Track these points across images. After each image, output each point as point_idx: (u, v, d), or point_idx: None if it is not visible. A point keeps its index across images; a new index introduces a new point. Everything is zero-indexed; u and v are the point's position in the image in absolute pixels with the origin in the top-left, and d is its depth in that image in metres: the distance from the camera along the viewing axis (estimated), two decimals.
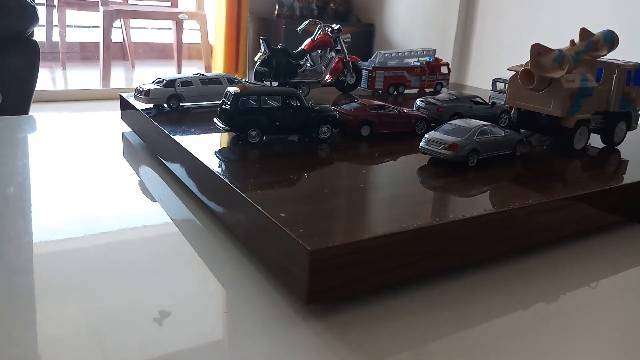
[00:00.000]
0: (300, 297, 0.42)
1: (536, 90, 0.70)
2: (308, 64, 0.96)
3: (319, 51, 0.98)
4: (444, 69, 1.16)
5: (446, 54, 2.89)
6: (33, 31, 1.69)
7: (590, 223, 0.60)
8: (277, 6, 3.55)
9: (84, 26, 3.71)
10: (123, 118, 0.89)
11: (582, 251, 0.57)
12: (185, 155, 0.63)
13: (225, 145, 0.68)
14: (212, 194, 0.57)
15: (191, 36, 3.79)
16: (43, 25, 3.39)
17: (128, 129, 0.87)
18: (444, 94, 0.82)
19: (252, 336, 0.40)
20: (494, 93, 0.97)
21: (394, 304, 0.45)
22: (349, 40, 1.02)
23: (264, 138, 0.67)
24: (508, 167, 0.65)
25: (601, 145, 0.77)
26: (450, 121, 0.66)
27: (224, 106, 0.67)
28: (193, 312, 0.43)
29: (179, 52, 3.62)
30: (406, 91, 1.11)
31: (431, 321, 0.43)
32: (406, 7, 3.33)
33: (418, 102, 0.82)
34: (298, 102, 0.69)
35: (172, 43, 3.65)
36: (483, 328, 0.43)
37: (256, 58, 0.91)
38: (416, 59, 1.16)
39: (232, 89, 0.67)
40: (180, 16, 3.46)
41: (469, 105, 0.80)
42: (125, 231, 0.57)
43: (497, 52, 2.78)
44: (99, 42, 3.24)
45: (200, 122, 0.75)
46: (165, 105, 0.82)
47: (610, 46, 0.76)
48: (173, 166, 0.68)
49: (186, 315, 0.42)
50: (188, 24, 3.63)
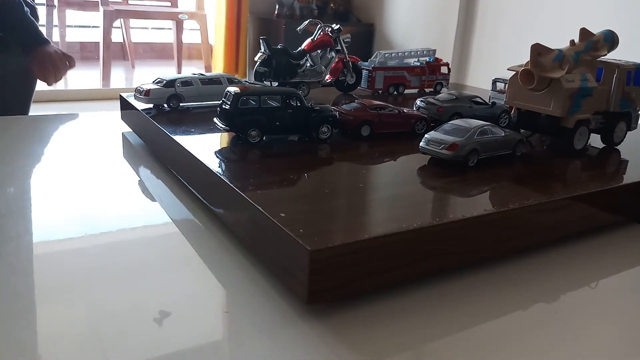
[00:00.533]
0: (300, 297, 0.42)
1: (536, 90, 0.70)
2: (308, 64, 0.96)
3: (319, 51, 0.98)
4: (444, 69, 1.16)
5: (446, 54, 2.89)
6: None
7: (590, 223, 0.60)
8: (277, 6, 3.55)
9: (84, 26, 3.71)
10: (123, 118, 0.89)
11: (582, 251, 0.57)
12: (185, 155, 0.63)
13: (225, 145, 0.68)
14: (212, 194, 0.57)
15: (191, 36, 3.79)
16: (43, 25, 3.38)
17: (128, 129, 0.87)
18: (444, 94, 0.82)
19: (252, 336, 0.40)
20: (494, 93, 0.97)
21: (394, 304, 0.45)
22: (349, 40, 1.02)
23: (264, 138, 0.67)
24: (508, 167, 0.65)
25: (601, 145, 0.77)
26: (450, 121, 0.66)
27: (224, 106, 0.67)
28: (193, 312, 0.43)
29: (179, 52, 3.62)
30: (406, 91, 1.11)
31: (431, 321, 0.43)
32: (406, 7, 3.33)
33: (418, 102, 0.82)
34: (298, 102, 0.69)
35: (172, 43, 3.65)
36: (483, 328, 0.43)
37: (256, 58, 0.91)
38: (416, 59, 1.16)
39: (232, 89, 0.67)
40: (180, 16, 3.46)
41: (469, 105, 0.80)
42: (125, 231, 0.57)
43: (497, 52, 2.78)
44: (99, 42, 3.24)
45: (200, 122, 0.75)
46: (165, 105, 0.82)
47: (610, 46, 0.76)
48: (173, 166, 0.68)
49: (186, 315, 0.42)
50: (188, 24, 3.63)
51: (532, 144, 0.76)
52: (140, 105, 0.82)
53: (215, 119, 0.68)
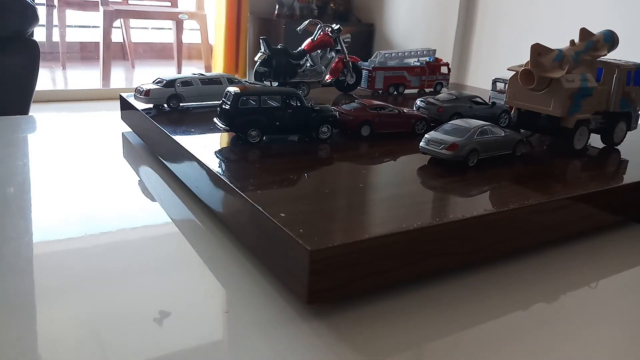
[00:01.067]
0: (300, 297, 0.42)
1: (536, 90, 0.70)
2: (308, 64, 0.96)
3: (319, 51, 0.98)
4: (444, 69, 1.16)
5: (446, 54, 2.89)
6: (33, 31, 1.69)
7: (590, 223, 0.60)
8: (277, 6, 3.55)
9: (84, 26, 3.71)
10: (123, 118, 0.89)
11: (582, 251, 0.57)
12: (185, 155, 0.63)
13: (225, 145, 0.68)
14: (212, 194, 0.57)
15: (191, 36, 3.79)
16: (43, 25, 3.38)
17: (128, 129, 0.87)
18: (444, 94, 0.82)
19: (252, 336, 0.40)
20: (494, 93, 0.97)
21: (394, 304, 0.45)
22: (349, 40, 1.02)
23: (264, 138, 0.67)
24: (508, 167, 0.65)
25: (601, 145, 0.77)
26: (450, 121, 0.66)
27: (224, 106, 0.67)
28: (193, 312, 0.43)
29: (179, 52, 3.62)
30: (406, 91, 1.11)
31: (431, 321, 0.43)
32: (406, 7, 3.33)
33: (418, 102, 0.82)
34: (298, 102, 0.69)
35: (172, 43, 3.65)
36: (483, 328, 0.43)
37: (256, 58, 0.91)
38: (416, 59, 1.16)
39: (232, 89, 0.67)
40: (180, 16, 3.46)
41: (469, 105, 0.80)
42: (125, 231, 0.57)
43: (497, 52, 2.78)
44: (99, 42, 3.24)
45: (200, 122, 0.75)
46: (165, 105, 0.82)
47: (610, 46, 0.76)
48: (173, 166, 0.68)
49: (186, 315, 0.42)
50: (188, 24, 3.63)
51: (532, 144, 0.76)
52: (140, 105, 0.82)
53: (215, 119, 0.68)
